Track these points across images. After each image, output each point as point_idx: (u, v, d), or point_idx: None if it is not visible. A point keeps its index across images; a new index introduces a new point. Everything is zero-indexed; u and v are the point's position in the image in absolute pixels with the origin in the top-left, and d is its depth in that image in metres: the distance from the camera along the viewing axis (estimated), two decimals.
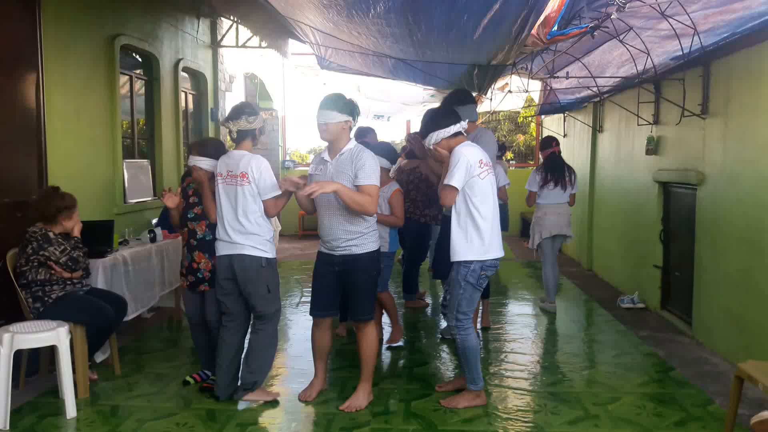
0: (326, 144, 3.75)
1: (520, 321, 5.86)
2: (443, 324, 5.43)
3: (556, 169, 6.00)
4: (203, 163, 3.93)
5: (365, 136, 5.84)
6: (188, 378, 4.21)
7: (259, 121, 3.83)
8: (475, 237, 3.64)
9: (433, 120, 3.79)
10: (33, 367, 4.23)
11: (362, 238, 3.66)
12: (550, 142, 6.11)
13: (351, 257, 3.67)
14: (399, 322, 5.19)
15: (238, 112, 3.80)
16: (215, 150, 3.97)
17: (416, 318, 5.95)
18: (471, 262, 3.65)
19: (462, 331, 3.74)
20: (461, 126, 3.75)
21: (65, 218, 4.07)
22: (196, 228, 4.04)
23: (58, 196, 4.09)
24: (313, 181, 3.59)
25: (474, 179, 3.61)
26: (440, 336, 5.32)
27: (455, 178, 3.57)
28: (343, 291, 3.79)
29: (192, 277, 4.03)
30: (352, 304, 3.77)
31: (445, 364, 4.66)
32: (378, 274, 3.81)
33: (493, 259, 3.71)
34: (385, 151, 4.75)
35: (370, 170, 3.56)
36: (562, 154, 6.26)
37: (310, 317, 3.93)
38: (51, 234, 4.01)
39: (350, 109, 3.62)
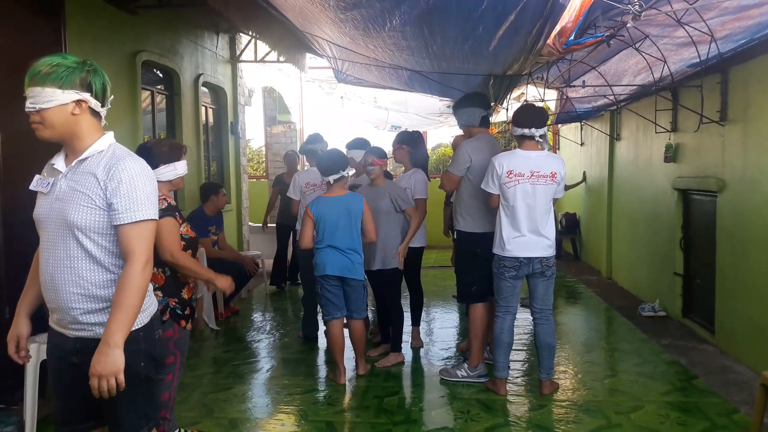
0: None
1: None
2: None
3: None
4: (183, 167, 3.11)
5: (314, 143, 5.43)
6: None
7: None
8: (497, 233, 4.06)
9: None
10: None
11: None
12: None
13: (95, 344, 2.02)
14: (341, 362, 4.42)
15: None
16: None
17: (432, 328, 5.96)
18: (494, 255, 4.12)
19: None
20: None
21: None
22: None
23: None
24: (41, 216, 2.10)
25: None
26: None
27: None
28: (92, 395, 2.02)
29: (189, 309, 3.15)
30: (108, 422, 2.20)
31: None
32: (153, 366, 2.23)
33: (509, 257, 3.99)
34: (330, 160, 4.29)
35: (137, 195, 2.02)
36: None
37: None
38: None
39: (78, 75, 2.00)
